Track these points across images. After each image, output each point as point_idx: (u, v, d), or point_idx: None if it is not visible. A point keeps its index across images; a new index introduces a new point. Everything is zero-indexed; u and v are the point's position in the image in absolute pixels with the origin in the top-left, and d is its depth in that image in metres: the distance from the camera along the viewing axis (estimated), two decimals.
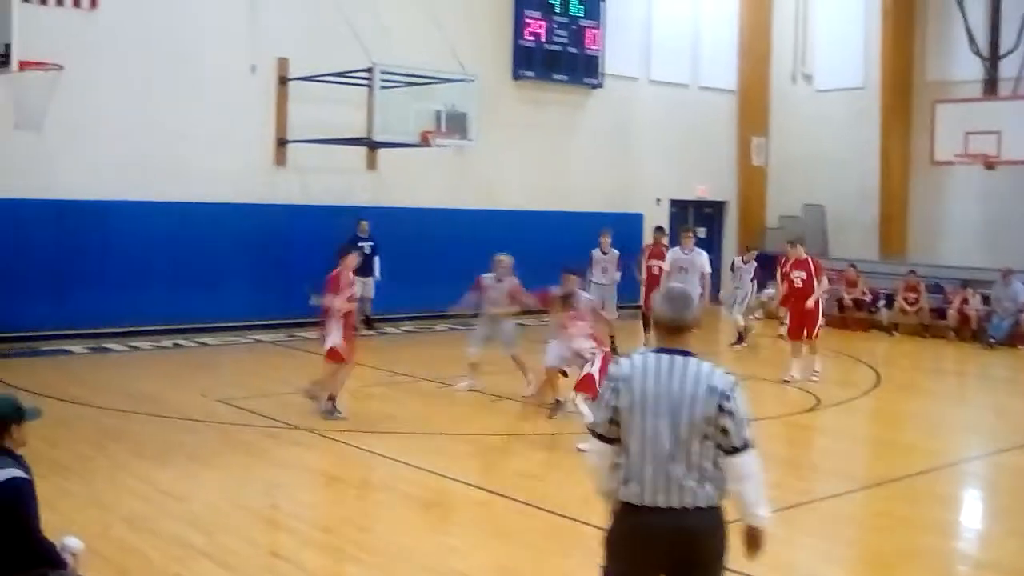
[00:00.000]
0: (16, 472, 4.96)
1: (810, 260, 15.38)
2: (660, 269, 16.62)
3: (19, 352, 15.47)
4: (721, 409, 4.29)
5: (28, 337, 16.02)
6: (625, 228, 23.30)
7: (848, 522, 9.01)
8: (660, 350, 4.43)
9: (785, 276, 15.64)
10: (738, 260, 19.84)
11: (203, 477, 9.37)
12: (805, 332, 15.16)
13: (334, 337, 11.56)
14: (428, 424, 11.74)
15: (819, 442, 12.50)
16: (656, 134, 24.79)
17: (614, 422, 4.39)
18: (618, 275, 17.05)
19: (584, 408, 10.54)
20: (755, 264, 19.36)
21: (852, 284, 22.27)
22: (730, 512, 4.42)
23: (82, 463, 9.49)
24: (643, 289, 17.23)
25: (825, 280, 15.52)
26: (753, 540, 4.51)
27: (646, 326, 16.74)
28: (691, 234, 16.81)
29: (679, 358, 4.38)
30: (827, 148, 25.28)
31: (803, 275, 15.15)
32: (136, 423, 11.38)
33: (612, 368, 4.54)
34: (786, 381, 14.70)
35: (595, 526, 7.29)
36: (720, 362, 4.64)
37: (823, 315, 15.70)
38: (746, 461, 4.35)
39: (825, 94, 25.79)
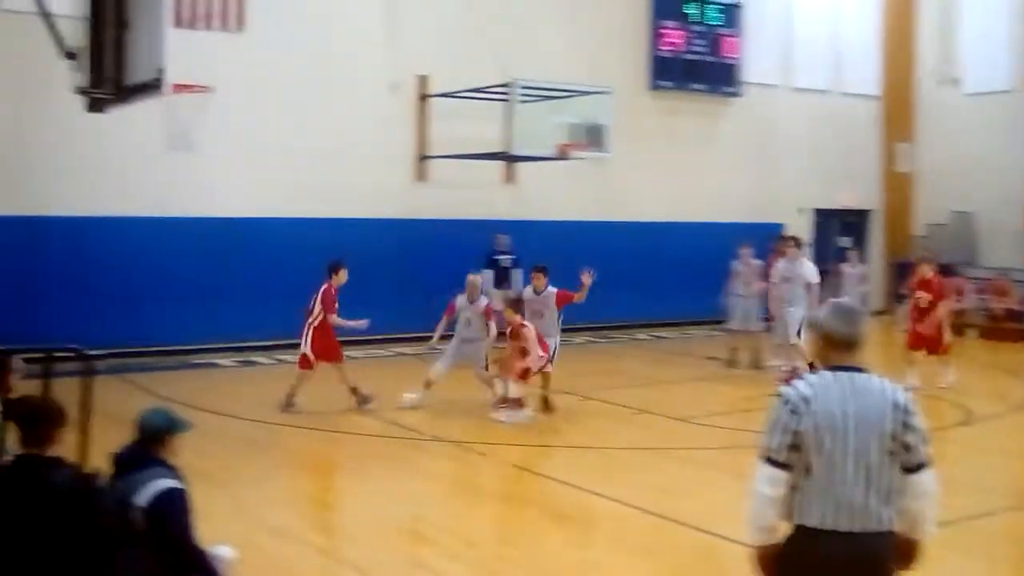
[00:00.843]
0: (171, 483, 5.13)
1: (935, 280, 14.82)
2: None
3: (170, 365, 15.99)
4: (905, 425, 4.21)
5: (179, 351, 16.56)
6: (766, 239, 22.99)
7: (1011, 541, 8.69)
8: (837, 368, 4.32)
9: (910, 295, 15.19)
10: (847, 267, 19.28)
11: (348, 488, 9.54)
12: (926, 350, 14.81)
13: (305, 345, 12.63)
14: (567, 437, 11.75)
15: (972, 457, 12.06)
16: (797, 142, 24.35)
17: (794, 447, 4.24)
18: (761, 287, 16.74)
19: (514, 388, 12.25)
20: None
21: (1003, 294, 21.53)
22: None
23: (230, 474, 9.76)
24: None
25: (950, 303, 15.02)
26: (911, 553, 4.39)
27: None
28: (792, 244, 16.16)
29: (859, 375, 4.29)
30: (976, 153, 24.40)
31: (928, 296, 14.65)
32: (282, 434, 11.65)
33: (788, 391, 4.34)
34: (912, 388, 14.27)
35: (735, 541, 7.21)
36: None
37: (950, 333, 15.16)
38: (927, 479, 4.27)
39: (973, 97, 24.94)
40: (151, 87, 10.69)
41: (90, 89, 11.32)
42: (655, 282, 19.15)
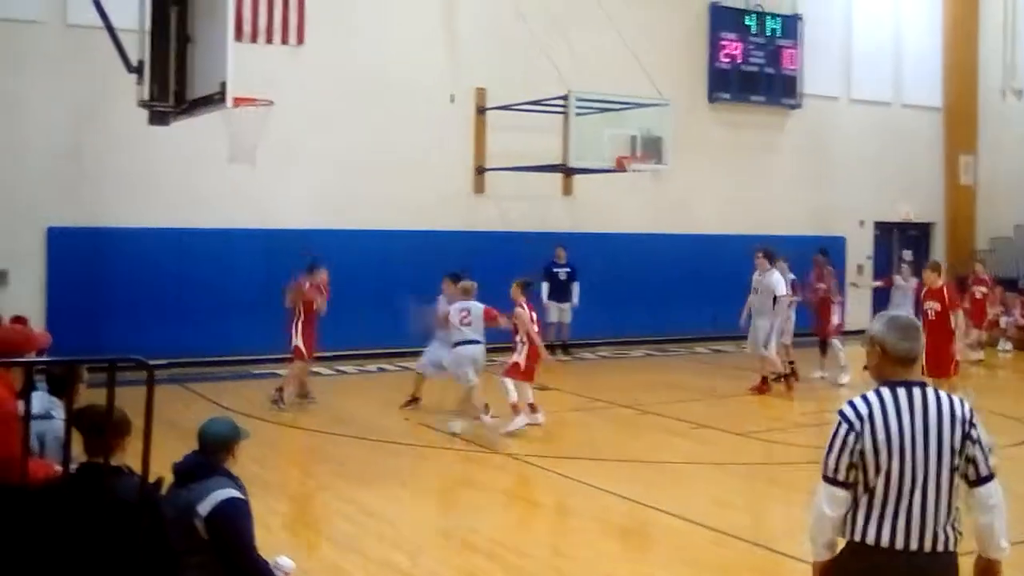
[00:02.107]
0: (234, 492, 5.17)
1: (945, 289, 13.49)
2: (825, 291, 16.70)
3: (230, 375, 16.17)
4: (968, 438, 4.15)
5: (239, 360, 16.74)
6: (828, 251, 22.77)
7: None
8: (896, 384, 4.24)
9: (919, 306, 14.20)
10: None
11: (406, 499, 9.58)
12: (928, 373, 13.47)
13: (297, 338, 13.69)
14: (624, 450, 11.70)
15: None
16: (857, 154, 24.11)
17: (854, 466, 4.17)
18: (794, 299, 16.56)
19: (511, 387, 12.15)
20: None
21: None
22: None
23: (290, 484, 9.85)
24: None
25: (961, 314, 13.35)
26: (994, 574, 4.31)
27: (823, 350, 16.82)
28: (761, 255, 15.93)
29: (917, 390, 4.22)
30: None
31: (937, 306, 13.29)
32: (341, 445, 11.72)
33: (847, 410, 4.24)
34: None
35: (794, 558, 7.15)
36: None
37: (968, 350, 13.99)
38: (994, 490, 4.20)
39: None
40: (213, 100, 10.85)
41: (154, 102, 11.52)
42: (713, 295, 18.99)
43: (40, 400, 5.51)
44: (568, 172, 18.96)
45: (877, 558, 4.15)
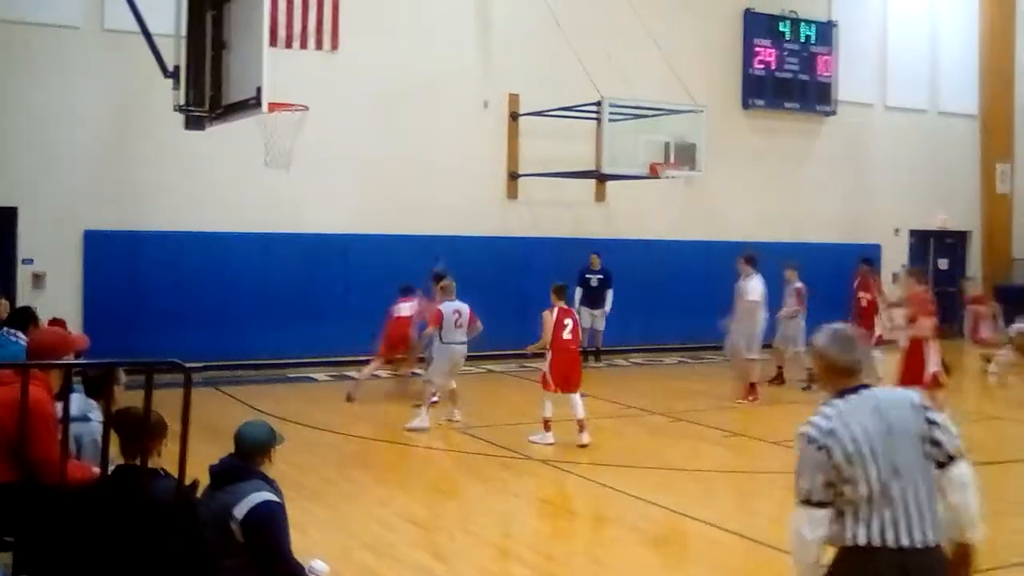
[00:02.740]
0: (270, 496, 5.17)
1: (916, 296, 12.66)
2: (868, 302, 16.45)
3: (266, 379, 16.22)
4: (928, 421, 4.25)
5: (275, 364, 16.80)
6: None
7: None
8: (847, 391, 4.31)
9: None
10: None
11: (441, 505, 9.56)
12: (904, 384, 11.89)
13: None
14: (659, 458, 11.63)
15: None
16: (893, 162, 23.91)
17: (830, 483, 4.20)
18: (796, 309, 16.44)
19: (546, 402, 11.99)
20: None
21: None
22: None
23: (326, 488, 9.84)
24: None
25: (927, 322, 12.20)
26: (967, 559, 4.30)
27: None
28: (743, 261, 15.75)
29: (868, 391, 4.31)
30: None
31: (907, 312, 12.66)
32: (377, 450, 11.74)
33: (809, 429, 4.27)
34: None
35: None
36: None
37: (938, 361, 12.18)
38: (964, 469, 4.25)
39: None
40: (249, 105, 10.92)
41: (189, 107, 11.60)
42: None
43: (78, 402, 5.52)
44: (601, 178, 18.93)
45: (871, 557, 4.15)
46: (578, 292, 18.39)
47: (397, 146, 18.08)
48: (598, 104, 16.50)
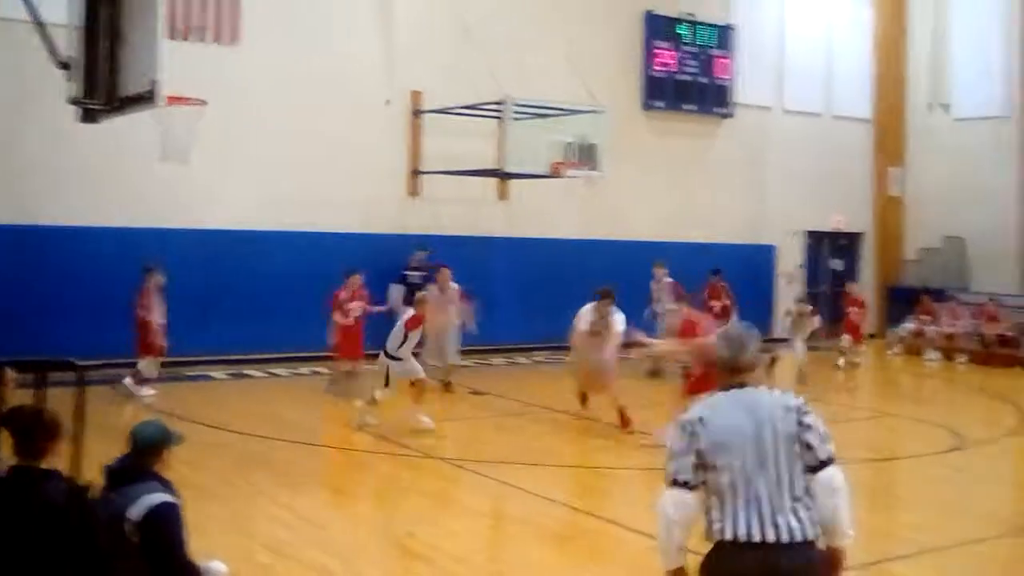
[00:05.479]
0: (166, 497, 5.07)
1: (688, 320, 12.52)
2: (722, 308, 17.21)
3: (163, 377, 15.88)
4: (801, 424, 4.33)
5: (171, 362, 16.45)
6: (758, 259, 23.03)
7: (1001, 568, 8.66)
8: (728, 387, 4.49)
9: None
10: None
11: (343, 505, 9.50)
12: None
13: None
14: (561, 456, 11.69)
15: (964, 483, 12.02)
16: (789, 164, 24.37)
17: (699, 466, 4.34)
18: (669, 307, 16.72)
19: None
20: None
21: (993, 319, 21.55)
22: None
23: (225, 488, 9.69)
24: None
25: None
26: (837, 564, 4.41)
27: None
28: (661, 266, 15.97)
29: (749, 388, 4.46)
30: (967, 178, 24.38)
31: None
32: (278, 450, 11.58)
33: (683, 417, 4.51)
34: None
35: None
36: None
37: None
38: (835, 474, 4.34)
39: (964, 122, 24.99)
40: (145, 98, 10.65)
41: (84, 99, 11.29)
42: (647, 301, 19.03)
43: None
44: (503, 177, 18.95)
45: (735, 553, 4.25)
46: (398, 290, 17.21)
47: (298, 142, 17.88)
48: (501, 103, 16.51)
